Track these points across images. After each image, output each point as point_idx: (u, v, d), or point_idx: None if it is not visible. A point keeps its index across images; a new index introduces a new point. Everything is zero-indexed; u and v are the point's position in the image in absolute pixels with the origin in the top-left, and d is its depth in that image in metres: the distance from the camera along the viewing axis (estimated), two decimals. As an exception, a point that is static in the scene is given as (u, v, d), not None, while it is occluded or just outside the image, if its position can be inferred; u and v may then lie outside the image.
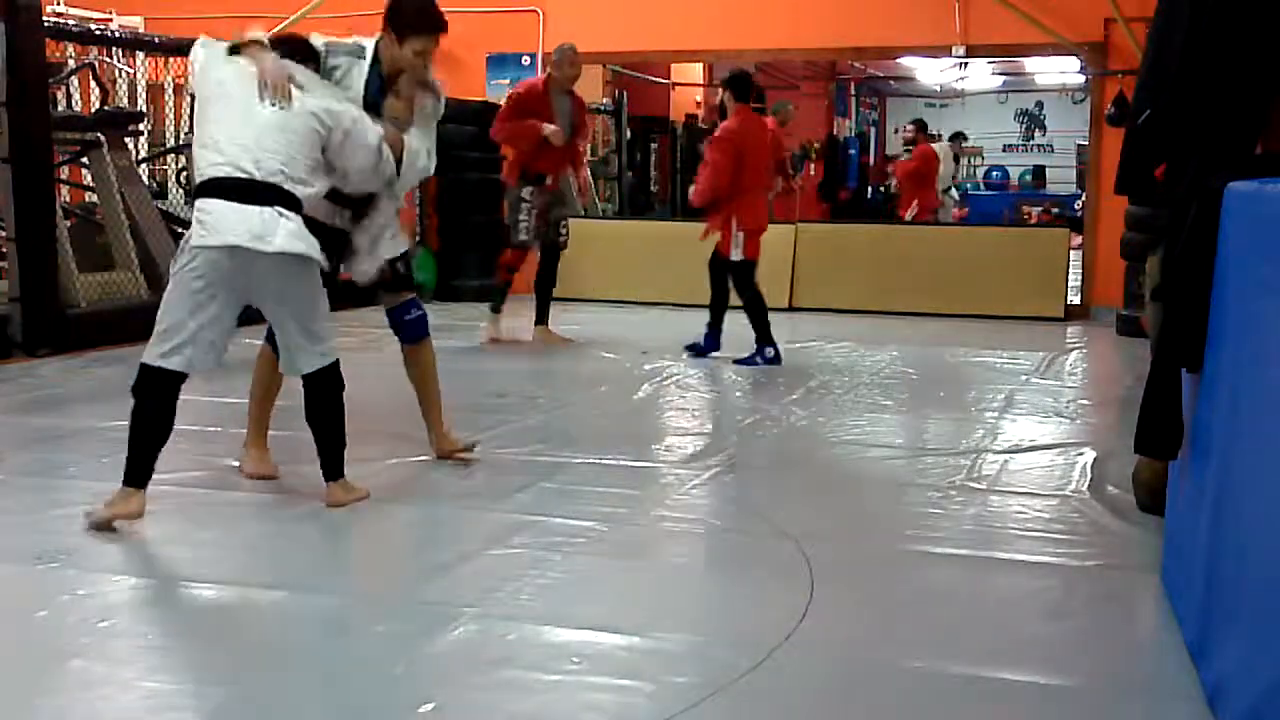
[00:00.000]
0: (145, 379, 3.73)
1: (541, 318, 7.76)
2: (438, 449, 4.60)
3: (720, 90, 7.47)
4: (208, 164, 3.71)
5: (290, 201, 3.72)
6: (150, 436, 3.72)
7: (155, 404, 3.72)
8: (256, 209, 3.66)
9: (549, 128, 7.23)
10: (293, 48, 3.99)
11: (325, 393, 3.92)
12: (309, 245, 3.74)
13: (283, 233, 3.66)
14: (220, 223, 3.65)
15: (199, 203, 3.71)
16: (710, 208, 7.07)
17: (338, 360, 3.96)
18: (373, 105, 4.13)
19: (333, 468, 3.95)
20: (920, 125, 13.14)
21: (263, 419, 4.44)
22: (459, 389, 6.30)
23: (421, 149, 4.22)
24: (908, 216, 12.34)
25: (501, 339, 7.72)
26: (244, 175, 3.67)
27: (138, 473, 3.71)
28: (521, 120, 7.35)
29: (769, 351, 6.97)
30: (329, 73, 4.13)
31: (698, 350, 7.25)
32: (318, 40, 4.19)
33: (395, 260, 4.40)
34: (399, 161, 4.07)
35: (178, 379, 3.74)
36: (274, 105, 3.71)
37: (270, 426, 4.42)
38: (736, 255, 6.96)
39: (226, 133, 3.72)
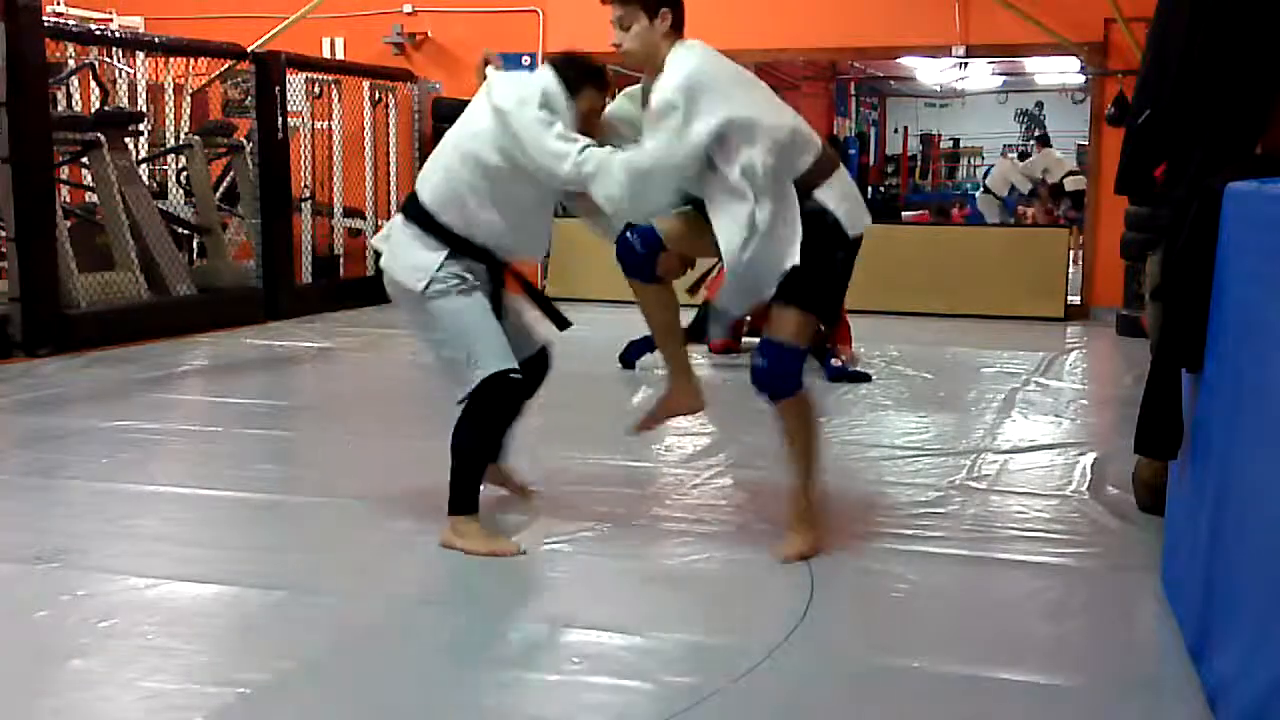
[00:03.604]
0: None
1: None
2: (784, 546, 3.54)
3: None
4: None
5: (417, 214, 3.52)
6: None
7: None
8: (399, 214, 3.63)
9: None
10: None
11: (461, 420, 3.53)
12: (390, 255, 3.55)
13: (389, 240, 3.58)
14: None
15: None
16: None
17: (480, 389, 3.45)
18: None
19: (451, 500, 3.57)
20: None
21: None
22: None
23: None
24: None
25: None
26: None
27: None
28: None
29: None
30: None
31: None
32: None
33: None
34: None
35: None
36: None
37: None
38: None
39: None
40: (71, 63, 9.29)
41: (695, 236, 3.40)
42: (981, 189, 14.74)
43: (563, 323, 3.82)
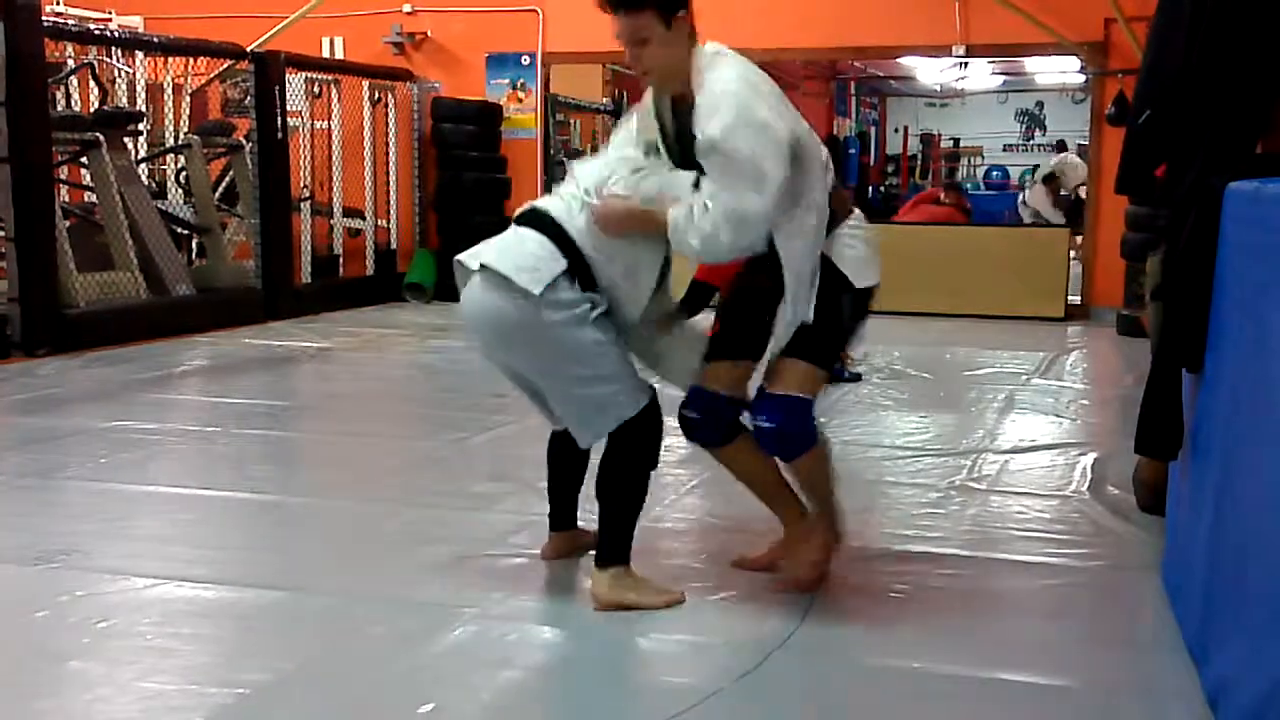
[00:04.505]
0: None
1: None
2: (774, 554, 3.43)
3: None
4: None
5: (544, 223, 3.01)
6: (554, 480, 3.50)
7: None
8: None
9: None
10: None
11: (611, 457, 3.11)
12: (498, 252, 2.98)
13: (493, 244, 3.05)
14: None
15: None
16: None
17: (629, 428, 3.07)
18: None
19: (602, 551, 3.14)
20: None
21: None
22: (459, 389, 6.30)
23: (680, 213, 2.92)
24: None
25: None
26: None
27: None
28: None
29: None
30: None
31: None
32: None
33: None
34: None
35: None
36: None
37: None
38: None
39: None
40: (71, 62, 9.29)
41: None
42: (1021, 200, 14.86)
43: None
